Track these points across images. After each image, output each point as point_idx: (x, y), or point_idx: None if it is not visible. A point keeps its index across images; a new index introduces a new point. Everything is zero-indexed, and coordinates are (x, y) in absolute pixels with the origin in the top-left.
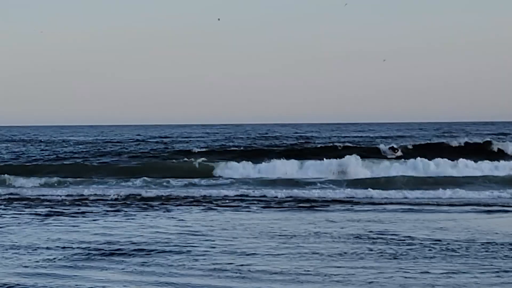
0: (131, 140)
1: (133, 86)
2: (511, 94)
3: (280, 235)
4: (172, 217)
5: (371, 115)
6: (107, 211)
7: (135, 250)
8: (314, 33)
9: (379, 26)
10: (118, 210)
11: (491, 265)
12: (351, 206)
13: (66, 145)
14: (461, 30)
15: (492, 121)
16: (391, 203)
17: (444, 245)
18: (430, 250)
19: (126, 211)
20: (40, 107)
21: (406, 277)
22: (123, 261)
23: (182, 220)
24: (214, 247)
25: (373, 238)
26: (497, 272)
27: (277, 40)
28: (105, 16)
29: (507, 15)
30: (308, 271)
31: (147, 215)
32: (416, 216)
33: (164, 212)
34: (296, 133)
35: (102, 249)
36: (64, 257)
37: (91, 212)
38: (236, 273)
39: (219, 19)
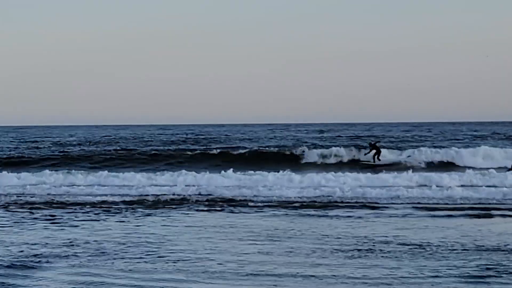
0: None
1: (133, 86)
2: (511, 94)
3: None
4: None
5: (371, 115)
6: None
7: None
8: (314, 33)
9: (379, 26)
10: None
11: None
12: None
13: None
14: (461, 30)
15: (492, 121)
16: None
17: None
18: None
19: None
20: (40, 107)
21: None
22: None
23: None
24: None
25: None
26: None
27: (277, 40)
28: (105, 16)
29: (507, 15)
30: None
31: None
32: None
33: None
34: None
35: None
36: None
37: None
38: None
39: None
